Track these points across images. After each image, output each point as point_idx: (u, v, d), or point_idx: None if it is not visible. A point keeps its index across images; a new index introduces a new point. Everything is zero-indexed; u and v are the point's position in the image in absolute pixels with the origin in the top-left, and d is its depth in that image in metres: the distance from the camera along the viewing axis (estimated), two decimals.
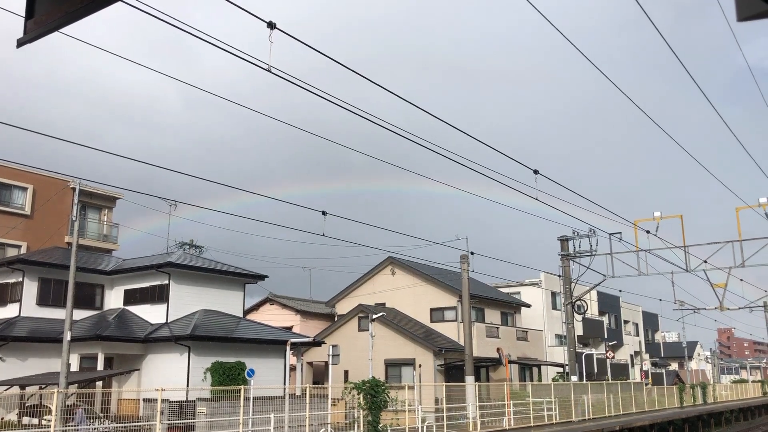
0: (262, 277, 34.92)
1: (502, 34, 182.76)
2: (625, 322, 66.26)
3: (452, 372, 36.90)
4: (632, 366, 62.31)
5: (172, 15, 8.74)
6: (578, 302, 35.18)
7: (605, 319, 59.20)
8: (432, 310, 42.26)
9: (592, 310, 53.52)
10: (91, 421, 20.88)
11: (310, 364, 41.13)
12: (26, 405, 23.96)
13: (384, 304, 41.81)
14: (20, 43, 3.45)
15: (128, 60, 11.76)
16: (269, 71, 9.56)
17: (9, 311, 30.10)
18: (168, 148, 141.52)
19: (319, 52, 10.33)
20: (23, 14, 3.50)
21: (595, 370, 48.04)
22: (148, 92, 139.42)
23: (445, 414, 24.63)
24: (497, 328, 43.04)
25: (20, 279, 30.17)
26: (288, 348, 29.36)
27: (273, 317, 43.25)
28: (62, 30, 3.80)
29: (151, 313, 30.84)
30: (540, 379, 44.28)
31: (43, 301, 30.37)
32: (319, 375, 40.99)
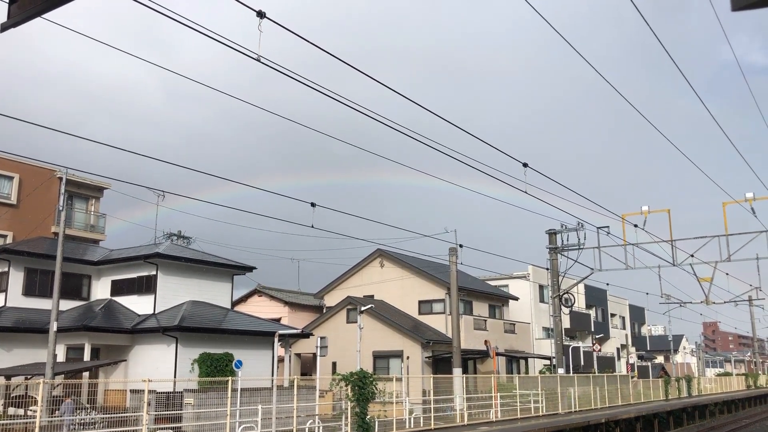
0: (250, 269, 34.84)
1: (487, 30, 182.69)
2: (612, 315, 66.69)
3: (440, 364, 37.01)
4: (618, 359, 62.74)
5: (156, 2, 8.65)
6: (566, 295, 35.33)
7: (592, 312, 59.55)
8: (420, 302, 42.33)
9: (580, 304, 53.80)
10: (78, 411, 20.78)
11: (298, 355, 41.12)
12: (12, 395, 23.81)
13: (372, 297, 41.84)
14: (4, 27, 3.39)
15: (111, 46, 11.64)
16: (258, 60, 9.49)
17: None
18: (149, 141, 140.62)
19: (308, 41, 10.26)
20: None
21: (582, 362, 48.31)
22: (129, 85, 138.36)
23: (432, 406, 24.69)
24: (485, 320, 43.19)
25: (6, 269, 29.94)
26: (276, 339, 29.33)
27: (261, 309, 43.19)
28: (46, 17, 3.74)
29: (138, 304, 30.69)
30: (527, 372, 44.49)
31: (29, 291, 30.17)
32: (307, 366, 40.99)
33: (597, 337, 55.55)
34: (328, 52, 10.63)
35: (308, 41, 10.19)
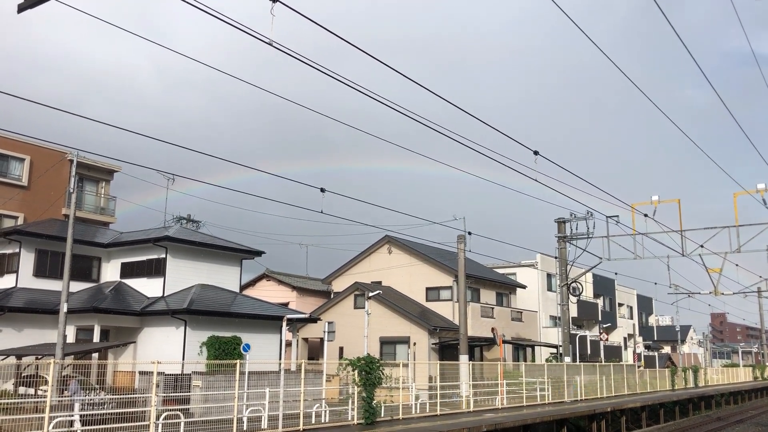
0: (259, 253, 34.95)
1: (488, 18, 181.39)
2: (620, 304, 66.63)
3: (446, 351, 37.12)
4: (625, 348, 62.77)
5: None
6: (573, 284, 35.30)
7: (600, 301, 59.50)
8: (428, 289, 42.40)
9: (587, 293, 53.75)
10: (86, 392, 20.98)
11: (305, 340, 41.33)
12: (22, 375, 24.06)
13: (380, 283, 41.93)
14: (21, 8, 3.41)
15: (111, 24, 11.64)
16: (270, 45, 9.48)
17: (6, 282, 30.15)
18: (147, 125, 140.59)
19: (320, 25, 10.23)
20: None
21: (589, 351, 48.35)
22: (124, 70, 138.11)
23: (438, 392, 24.78)
24: (492, 308, 43.24)
25: (17, 250, 30.17)
26: (284, 324, 29.46)
27: (269, 293, 43.37)
28: None
29: (147, 287, 30.89)
30: (533, 360, 44.58)
31: (39, 272, 30.40)
32: (315, 351, 41.21)
33: (604, 326, 55.54)
34: (342, 38, 10.61)
35: (321, 25, 10.16)
